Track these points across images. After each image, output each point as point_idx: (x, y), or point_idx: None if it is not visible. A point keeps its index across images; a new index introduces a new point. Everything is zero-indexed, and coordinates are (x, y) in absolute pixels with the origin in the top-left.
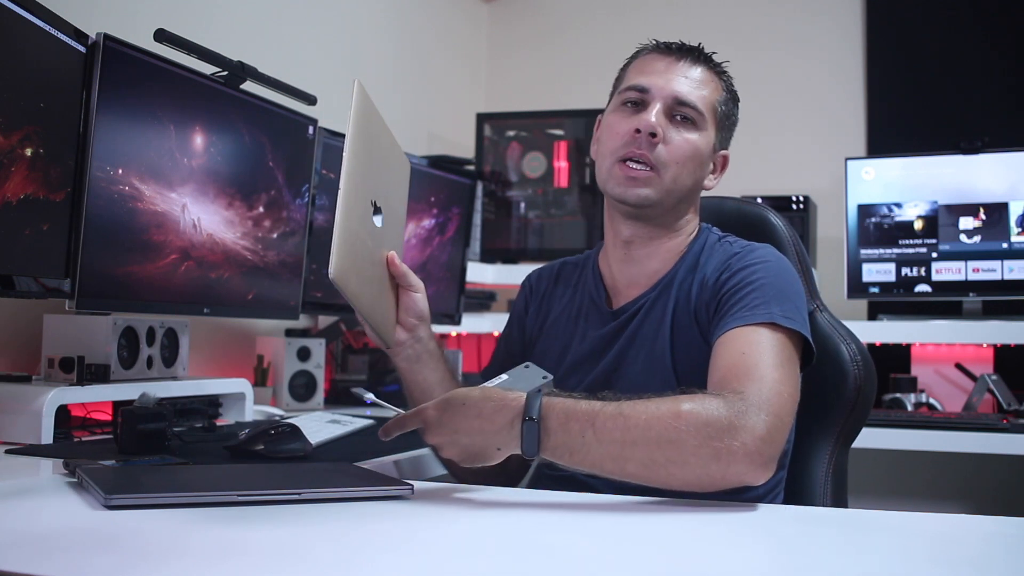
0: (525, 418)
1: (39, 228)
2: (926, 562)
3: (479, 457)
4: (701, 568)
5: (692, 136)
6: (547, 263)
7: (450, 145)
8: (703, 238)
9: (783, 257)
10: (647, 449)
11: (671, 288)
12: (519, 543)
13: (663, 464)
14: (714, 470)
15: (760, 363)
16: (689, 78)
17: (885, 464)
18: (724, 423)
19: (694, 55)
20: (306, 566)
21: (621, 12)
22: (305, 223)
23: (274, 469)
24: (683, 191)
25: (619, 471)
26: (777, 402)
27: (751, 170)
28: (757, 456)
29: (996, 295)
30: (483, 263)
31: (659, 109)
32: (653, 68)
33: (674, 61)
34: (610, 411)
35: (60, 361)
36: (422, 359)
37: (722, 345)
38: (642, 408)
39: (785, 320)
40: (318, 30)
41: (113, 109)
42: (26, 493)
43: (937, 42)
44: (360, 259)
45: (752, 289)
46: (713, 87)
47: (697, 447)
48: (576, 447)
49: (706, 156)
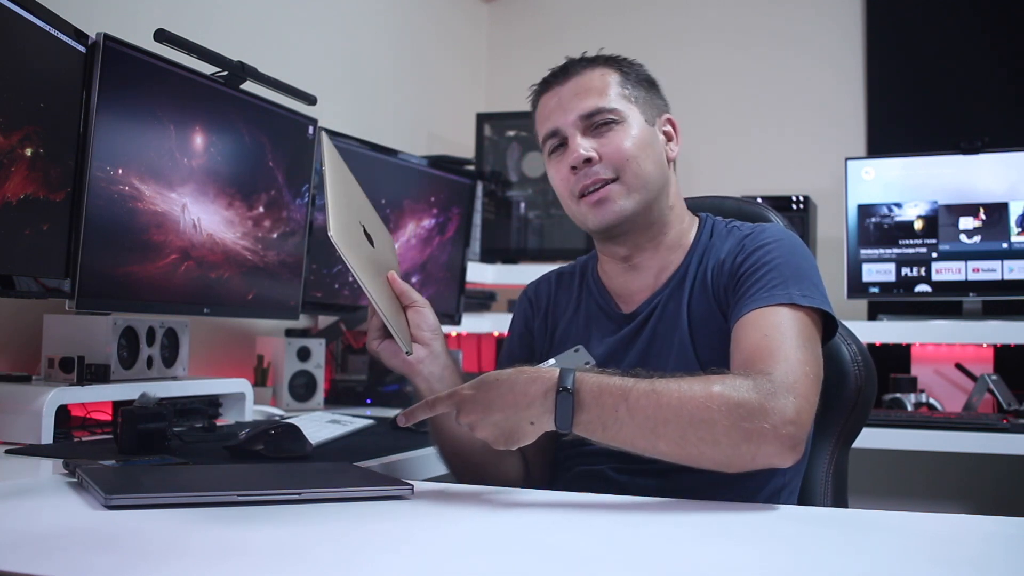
0: (559, 389)
1: (39, 228)
2: (926, 562)
3: (513, 435)
4: (701, 568)
5: (619, 131)
6: (540, 276)
7: (450, 145)
8: (708, 227)
9: (792, 232)
10: (679, 427)
11: (684, 283)
12: (519, 543)
13: (695, 443)
14: (744, 451)
15: (784, 344)
16: (580, 91)
17: (885, 464)
18: (754, 404)
19: (571, 69)
20: (306, 566)
21: (621, 12)
22: (305, 223)
23: (274, 469)
24: (650, 178)
25: (651, 448)
26: (804, 383)
27: (751, 170)
28: (787, 439)
29: (996, 295)
30: (483, 263)
31: (578, 136)
32: (549, 109)
33: (559, 88)
34: (643, 388)
35: (60, 361)
36: (444, 376)
37: (743, 327)
38: (675, 386)
39: (804, 299)
40: (318, 30)
41: (113, 109)
42: (26, 493)
43: (937, 42)
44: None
45: (769, 269)
46: (604, 79)
47: (728, 428)
48: (609, 422)
49: (647, 137)
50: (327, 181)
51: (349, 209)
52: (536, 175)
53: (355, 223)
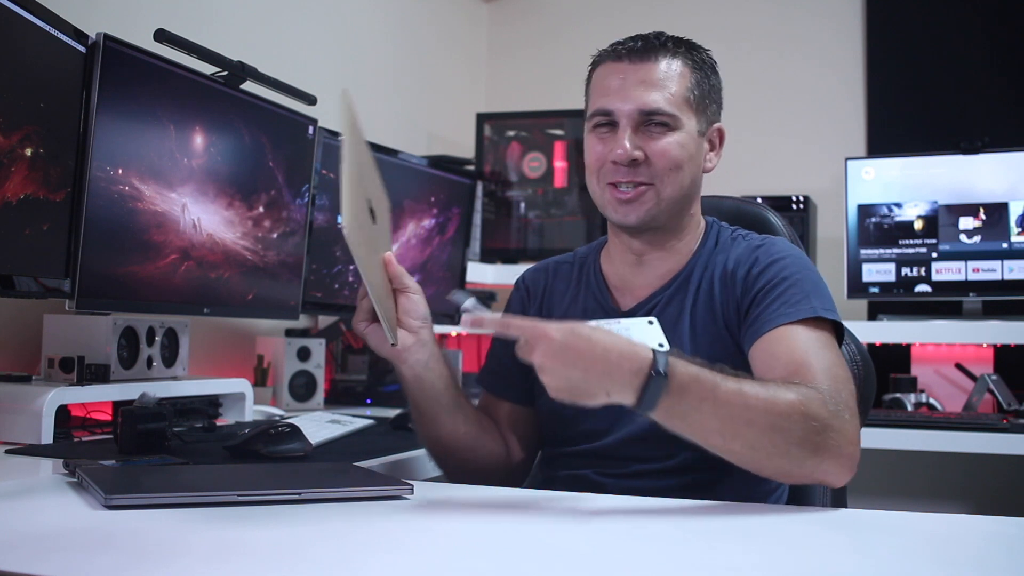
0: (652, 372)
1: (39, 228)
2: (926, 562)
3: (583, 395)
4: (701, 568)
5: (672, 138)
6: (537, 263)
7: (450, 145)
8: (714, 233)
9: (796, 247)
10: (758, 432)
11: (688, 285)
12: (519, 543)
13: (767, 449)
14: (808, 465)
15: (828, 363)
16: (649, 81)
17: (885, 464)
18: (825, 420)
19: (649, 50)
20: (306, 566)
21: (621, 12)
22: (305, 223)
23: (274, 469)
24: (683, 191)
25: (723, 446)
26: (853, 403)
27: (751, 170)
28: (848, 459)
29: (996, 295)
30: (483, 263)
31: (629, 131)
32: (610, 85)
33: (629, 67)
34: (732, 387)
35: (60, 361)
36: (430, 365)
37: (776, 342)
38: (761, 390)
39: (827, 312)
40: (318, 30)
41: (113, 109)
42: (26, 493)
43: (937, 42)
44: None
45: (790, 283)
46: (678, 76)
47: (801, 440)
48: (692, 413)
49: (694, 148)
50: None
51: (361, 185)
52: (536, 175)
53: (363, 200)
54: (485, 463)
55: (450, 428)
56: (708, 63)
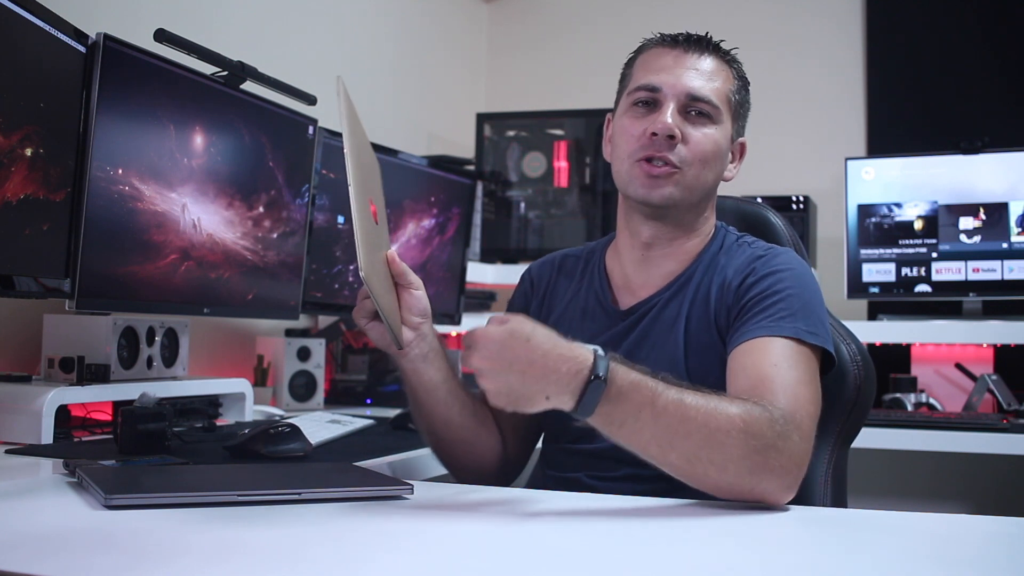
0: (592, 377)
1: (39, 228)
2: (926, 562)
3: (521, 400)
4: (702, 568)
5: (710, 131)
6: (546, 255)
7: (450, 145)
8: (720, 238)
9: (804, 263)
10: (695, 445)
11: (687, 288)
12: (519, 543)
13: (704, 463)
14: (747, 482)
15: (791, 380)
16: (699, 71)
17: (885, 464)
18: (768, 439)
19: (702, 45)
20: (306, 566)
21: (621, 12)
22: (305, 223)
23: (274, 469)
24: (705, 188)
25: (660, 456)
26: (808, 425)
27: (751, 170)
28: (791, 480)
29: (996, 295)
30: (483, 263)
31: (673, 108)
32: (661, 64)
33: (682, 54)
34: (672, 396)
35: (60, 361)
36: (428, 358)
37: (747, 353)
38: (703, 402)
39: (810, 336)
40: (318, 30)
41: (113, 109)
42: (26, 493)
43: (937, 42)
44: (377, 258)
45: (779, 299)
46: (725, 77)
47: (740, 457)
48: (630, 421)
49: (725, 149)
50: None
51: (364, 187)
52: (536, 175)
53: (367, 205)
54: (480, 455)
55: (446, 420)
56: (745, 79)
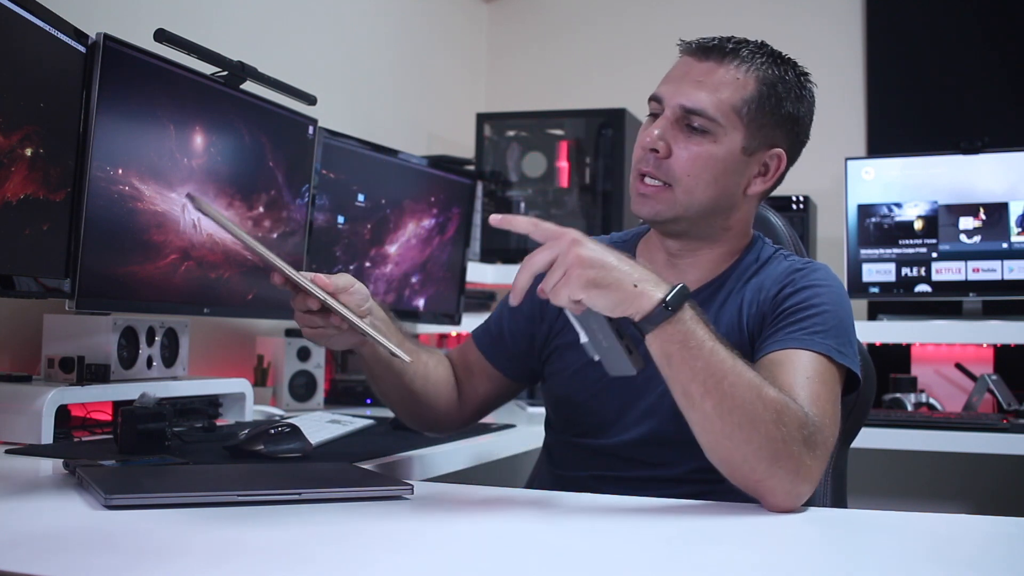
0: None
1: (39, 228)
2: (926, 562)
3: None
4: (702, 568)
5: (704, 147)
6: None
7: (450, 145)
8: (756, 249)
9: (840, 281)
10: (734, 404)
11: (719, 294)
12: (519, 543)
13: (734, 426)
14: (762, 468)
15: (822, 396)
16: (703, 81)
17: (885, 464)
18: (795, 436)
19: (716, 53)
20: (306, 566)
21: (621, 12)
22: (305, 223)
23: (274, 469)
24: (704, 203)
25: (698, 398)
26: (831, 445)
27: None
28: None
29: (996, 295)
30: (483, 263)
31: (666, 123)
32: (672, 73)
33: (692, 62)
34: (731, 353)
35: (60, 361)
36: (384, 332)
37: (777, 362)
38: (752, 374)
39: (839, 356)
40: (318, 30)
41: (113, 109)
42: (26, 493)
43: (937, 42)
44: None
45: (815, 313)
46: (737, 85)
47: (767, 438)
48: (690, 347)
49: (729, 163)
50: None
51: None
52: (536, 175)
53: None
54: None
55: (396, 383)
56: (791, 86)
